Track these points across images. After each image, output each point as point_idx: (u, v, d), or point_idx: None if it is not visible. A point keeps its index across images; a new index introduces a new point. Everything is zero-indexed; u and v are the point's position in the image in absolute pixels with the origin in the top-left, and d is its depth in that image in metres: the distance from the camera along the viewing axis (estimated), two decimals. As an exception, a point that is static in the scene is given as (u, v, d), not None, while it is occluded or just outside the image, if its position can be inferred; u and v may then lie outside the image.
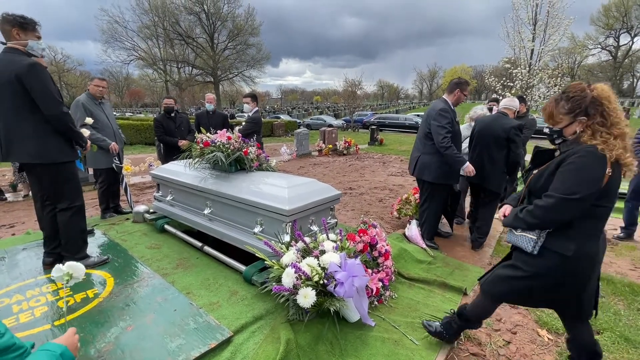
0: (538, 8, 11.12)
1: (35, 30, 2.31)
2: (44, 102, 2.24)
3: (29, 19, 2.30)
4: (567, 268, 1.47)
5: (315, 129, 19.71)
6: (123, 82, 53.85)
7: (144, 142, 14.44)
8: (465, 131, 3.87)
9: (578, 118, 1.45)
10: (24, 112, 2.27)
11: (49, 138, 2.36)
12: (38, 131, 2.32)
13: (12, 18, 2.24)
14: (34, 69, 2.19)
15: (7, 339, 1.01)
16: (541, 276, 1.52)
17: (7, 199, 5.53)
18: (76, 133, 2.51)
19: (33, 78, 2.19)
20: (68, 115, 2.40)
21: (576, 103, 1.45)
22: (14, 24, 2.23)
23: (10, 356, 1.00)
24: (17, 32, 2.24)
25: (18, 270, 2.69)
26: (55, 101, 2.29)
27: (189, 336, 1.88)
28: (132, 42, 32.77)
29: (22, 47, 2.26)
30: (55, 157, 2.41)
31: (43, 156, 2.38)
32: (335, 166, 9.11)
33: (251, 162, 3.01)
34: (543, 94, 11.21)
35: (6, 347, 0.99)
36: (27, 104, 2.25)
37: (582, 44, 43.55)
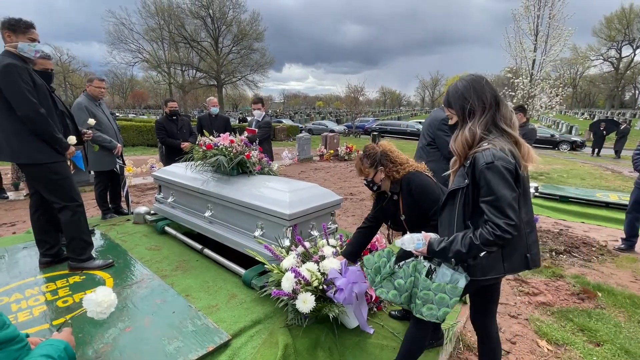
0: (539, 19, 11.22)
1: (26, 32, 2.30)
2: (15, 103, 2.24)
3: (21, 21, 2.29)
4: None
5: (317, 134, 19.77)
6: (127, 83, 54.28)
7: (146, 144, 14.50)
8: None
9: (378, 167, 1.83)
10: (4, 111, 2.28)
11: (29, 138, 2.34)
12: (18, 131, 2.32)
13: (3, 21, 2.27)
14: (5, 70, 2.19)
15: (12, 331, 1.02)
16: None
17: (9, 197, 5.55)
18: (54, 138, 2.40)
19: (4, 80, 2.19)
20: (43, 117, 2.31)
21: (372, 158, 1.84)
22: (5, 27, 2.26)
23: (13, 348, 1.01)
24: (7, 34, 2.27)
25: (18, 269, 2.70)
26: (27, 102, 2.25)
27: (187, 339, 1.87)
28: (138, 44, 33.08)
29: (14, 50, 2.28)
30: (36, 157, 2.38)
31: (24, 156, 2.38)
32: (336, 171, 9.13)
33: (253, 166, 3.03)
34: (544, 104, 11.25)
35: (11, 338, 1.01)
36: (6, 104, 2.26)
37: (584, 55, 43.81)
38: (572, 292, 2.86)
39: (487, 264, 1.32)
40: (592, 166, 10.79)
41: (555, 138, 17.57)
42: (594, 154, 14.87)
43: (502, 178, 1.23)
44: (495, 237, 1.22)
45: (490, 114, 1.35)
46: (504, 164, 1.24)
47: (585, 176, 8.62)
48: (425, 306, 1.41)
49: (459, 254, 1.30)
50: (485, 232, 1.23)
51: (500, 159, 1.25)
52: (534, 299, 2.74)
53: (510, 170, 1.25)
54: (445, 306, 1.37)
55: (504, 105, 1.37)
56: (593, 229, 4.59)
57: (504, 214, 1.22)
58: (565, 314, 2.53)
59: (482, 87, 1.37)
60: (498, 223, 1.21)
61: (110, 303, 1.46)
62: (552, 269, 3.24)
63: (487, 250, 1.27)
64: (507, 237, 1.22)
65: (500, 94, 5.25)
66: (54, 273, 2.64)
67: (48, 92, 2.44)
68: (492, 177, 1.24)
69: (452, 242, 1.32)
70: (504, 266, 1.32)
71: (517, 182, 1.28)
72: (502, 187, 1.23)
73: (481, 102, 1.35)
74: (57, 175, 2.48)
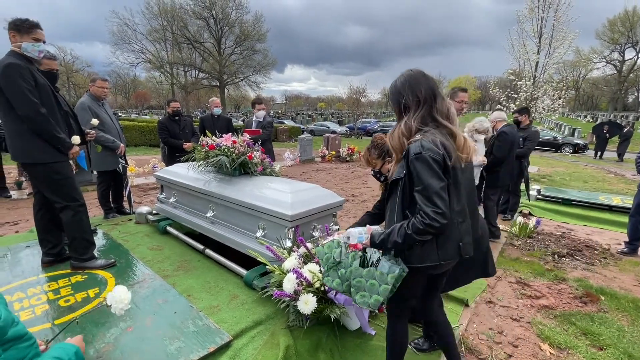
0: (543, 21, 11.20)
1: (30, 32, 2.31)
2: (15, 103, 2.26)
3: (26, 21, 2.31)
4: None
5: (319, 135, 19.78)
6: (130, 84, 54.51)
7: (149, 144, 14.54)
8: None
9: (386, 158, 1.85)
10: (7, 112, 2.31)
11: (32, 137, 2.36)
12: (20, 131, 2.34)
13: (10, 21, 2.29)
14: (5, 70, 2.21)
15: (21, 328, 1.04)
16: None
17: (12, 196, 5.57)
18: (56, 138, 2.40)
19: (4, 80, 2.21)
20: (44, 117, 2.32)
21: (380, 149, 1.87)
22: (10, 27, 2.29)
23: (22, 345, 1.03)
24: (12, 34, 2.29)
25: (20, 267, 2.71)
26: (27, 102, 2.26)
27: (188, 339, 1.88)
28: (141, 44, 33.21)
29: (18, 50, 2.30)
30: (39, 157, 2.40)
31: (26, 156, 2.40)
32: (338, 173, 9.12)
33: (255, 167, 3.03)
34: (547, 106, 11.22)
35: (20, 335, 1.03)
36: (9, 104, 2.28)
37: (587, 58, 43.62)
38: (575, 295, 2.84)
39: (423, 253, 1.37)
40: (594, 169, 10.74)
41: (558, 141, 17.50)
42: (596, 157, 14.81)
43: (429, 168, 1.28)
44: (425, 226, 1.26)
45: (425, 108, 1.39)
46: (431, 154, 1.29)
47: (588, 179, 8.58)
48: (359, 294, 1.45)
49: (396, 244, 1.34)
50: (416, 221, 1.28)
51: (428, 149, 1.29)
52: (537, 302, 2.72)
53: (437, 160, 1.29)
54: (376, 293, 1.40)
55: (440, 99, 1.41)
56: (596, 232, 4.57)
57: (432, 202, 1.26)
58: (568, 317, 2.51)
59: (418, 82, 1.40)
60: (427, 211, 1.26)
61: (128, 299, 1.60)
62: (554, 272, 3.22)
63: (420, 239, 1.31)
64: (435, 225, 1.25)
65: (503, 96, 5.24)
66: (56, 272, 2.65)
67: (51, 92, 2.45)
68: (420, 167, 1.29)
69: (389, 233, 1.36)
70: (439, 254, 1.37)
71: (446, 172, 1.32)
72: (429, 177, 1.28)
73: (416, 97, 1.39)
74: (59, 175, 2.49)
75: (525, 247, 3.89)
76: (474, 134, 3.76)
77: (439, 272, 1.51)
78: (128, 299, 1.61)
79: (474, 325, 2.41)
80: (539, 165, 10.72)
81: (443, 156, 1.30)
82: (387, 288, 1.37)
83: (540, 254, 3.70)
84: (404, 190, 1.39)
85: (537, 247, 3.89)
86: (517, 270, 3.28)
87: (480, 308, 2.63)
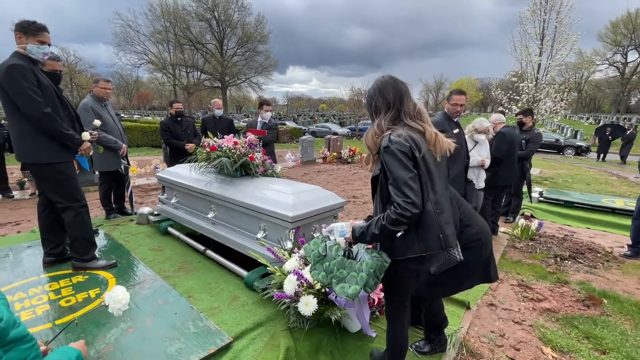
0: (545, 23, 11.17)
1: (37, 34, 2.33)
2: (21, 103, 2.27)
3: (33, 23, 2.32)
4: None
5: (321, 136, 19.78)
6: (132, 85, 54.68)
7: (151, 145, 14.58)
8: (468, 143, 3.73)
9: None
10: (11, 112, 2.33)
11: (35, 138, 2.37)
12: (24, 131, 2.36)
13: (17, 23, 2.31)
14: (9, 71, 2.22)
15: (22, 330, 1.04)
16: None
17: (14, 196, 5.59)
18: (64, 135, 2.43)
19: (7, 80, 2.23)
20: (50, 116, 2.34)
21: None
22: (17, 29, 2.30)
23: (24, 346, 1.03)
24: (18, 36, 2.31)
25: (22, 267, 2.71)
26: (32, 101, 2.28)
27: (189, 340, 1.87)
28: (144, 46, 33.36)
29: (23, 51, 2.32)
30: (42, 157, 2.41)
31: (30, 156, 2.41)
32: (339, 174, 9.12)
33: (256, 168, 3.03)
34: (549, 108, 11.18)
35: (21, 336, 1.03)
36: (12, 104, 2.29)
37: (589, 60, 43.48)
38: (577, 298, 2.82)
39: (405, 245, 1.41)
40: (597, 171, 10.70)
41: (560, 143, 17.44)
42: (599, 159, 14.74)
43: (397, 160, 1.35)
44: (397, 215, 1.32)
45: (394, 110, 1.48)
46: (399, 147, 1.36)
47: (591, 181, 8.55)
48: (339, 285, 1.51)
49: (374, 236, 1.42)
50: (390, 211, 1.34)
51: (396, 143, 1.37)
52: (539, 305, 2.71)
53: (405, 152, 1.35)
54: (355, 283, 1.46)
55: (407, 101, 1.49)
56: (598, 235, 4.54)
57: (402, 192, 1.32)
58: (571, 320, 2.49)
59: (386, 87, 1.50)
60: (398, 202, 1.32)
61: (127, 300, 1.60)
62: (556, 275, 3.20)
63: (395, 229, 1.36)
64: (407, 215, 1.31)
65: (505, 98, 5.23)
66: (58, 272, 2.65)
67: (55, 93, 2.46)
68: (389, 160, 1.37)
69: (369, 226, 1.43)
70: (420, 246, 1.40)
71: (416, 164, 1.38)
72: (397, 168, 1.34)
73: (385, 100, 1.49)
74: (62, 175, 2.50)
75: (527, 250, 3.88)
76: (474, 134, 3.75)
77: (426, 267, 1.53)
78: (126, 300, 1.60)
79: (476, 328, 2.39)
80: (541, 167, 10.68)
81: (411, 148, 1.36)
82: (364, 277, 1.42)
83: (542, 256, 3.68)
84: (382, 186, 1.46)
85: (539, 249, 3.87)
86: (519, 273, 3.26)
87: (481, 311, 2.61)
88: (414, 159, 1.37)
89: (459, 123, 3.38)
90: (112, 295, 1.58)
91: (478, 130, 3.74)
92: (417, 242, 1.39)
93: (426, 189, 1.38)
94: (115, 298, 1.57)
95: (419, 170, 1.37)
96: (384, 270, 1.45)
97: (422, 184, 1.37)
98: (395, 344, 1.64)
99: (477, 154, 3.72)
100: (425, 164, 1.40)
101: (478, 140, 3.75)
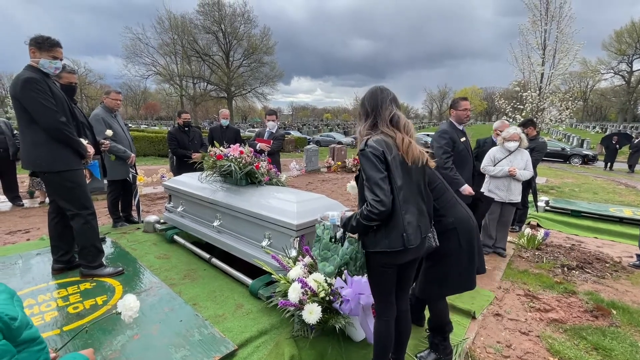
0: (547, 34, 11.25)
1: (50, 50, 2.43)
2: (37, 114, 2.37)
3: (48, 39, 2.43)
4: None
5: (325, 145, 19.89)
6: (140, 95, 55.75)
7: (157, 154, 14.77)
8: (498, 153, 3.75)
9: None
10: (25, 123, 2.42)
11: (48, 147, 2.45)
12: (39, 141, 2.44)
13: (33, 38, 2.42)
14: (24, 84, 2.32)
15: (34, 331, 1.06)
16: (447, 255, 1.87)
17: (24, 205, 5.70)
18: (77, 142, 2.55)
19: (23, 93, 2.32)
20: (64, 125, 2.45)
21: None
22: (32, 43, 2.40)
23: (35, 348, 1.04)
24: (32, 50, 2.41)
25: (31, 274, 2.76)
26: (47, 113, 2.37)
27: (194, 348, 1.88)
28: (152, 58, 34.10)
29: (35, 64, 2.42)
30: (54, 165, 2.49)
31: (43, 164, 2.49)
32: (343, 183, 9.14)
33: (262, 177, 3.07)
34: (554, 117, 11.16)
35: (33, 338, 1.05)
36: (27, 115, 2.39)
37: (594, 69, 43.42)
38: (585, 309, 2.78)
39: (375, 239, 1.55)
40: (605, 180, 10.58)
41: (566, 151, 17.31)
42: (606, 168, 14.58)
43: (370, 162, 1.49)
44: (368, 212, 1.46)
45: (372, 118, 1.63)
46: (372, 150, 1.50)
47: (598, 190, 8.45)
48: (322, 263, 1.76)
49: (352, 227, 1.58)
50: (363, 208, 1.49)
51: (370, 147, 1.51)
52: (546, 316, 2.67)
53: (377, 155, 1.49)
54: (332, 265, 1.72)
55: (384, 110, 1.61)
56: (606, 245, 4.48)
57: (372, 191, 1.46)
58: (579, 331, 2.45)
59: (369, 97, 1.65)
60: (369, 200, 1.46)
61: (137, 308, 1.66)
62: (564, 285, 3.16)
63: (367, 224, 1.50)
64: (375, 212, 1.44)
65: (509, 107, 5.26)
66: (66, 279, 2.69)
67: (66, 104, 2.56)
68: (364, 161, 1.51)
69: (350, 218, 1.59)
70: (386, 242, 1.53)
71: (387, 167, 1.50)
72: (369, 169, 1.48)
73: (365, 110, 1.66)
74: (71, 183, 2.57)
75: (533, 259, 3.84)
76: (505, 143, 3.71)
77: (400, 263, 1.62)
78: (137, 307, 1.65)
79: (482, 338, 2.37)
80: (547, 176, 10.60)
81: (383, 152, 1.49)
82: (338, 261, 1.66)
83: (549, 266, 3.64)
84: (361, 184, 1.60)
85: (545, 259, 3.83)
86: (525, 283, 3.23)
87: (487, 321, 2.59)
88: (386, 162, 1.49)
89: (464, 131, 3.41)
90: (125, 303, 1.62)
91: (506, 138, 3.70)
92: (384, 239, 1.53)
93: (395, 190, 1.50)
94: (127, 306, 1.62)
95: (390, 173, 1.50)
96: (360, 258, 1.66)
97: (392, 185, 1.49)
98: (378, 339, 1.72)
99: (508, 163, 3.65)
100: (395, 167, 1.51)
101: (510, 149, 3.69)
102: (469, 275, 1.93)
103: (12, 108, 2.48)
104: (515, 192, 3.69)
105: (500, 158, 3.75)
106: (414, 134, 1.62)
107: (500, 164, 3.70)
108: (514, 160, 3.68)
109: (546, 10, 11.06)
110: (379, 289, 1.69)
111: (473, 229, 1.93)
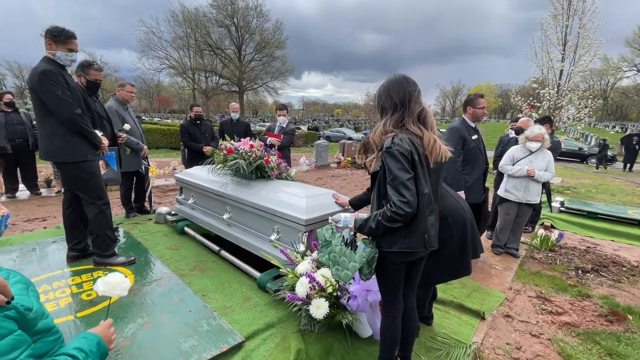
0: (568, 29, 10.88)
1: (66, 42, 2.46)
2: (54, 106, 2.40)
3: (63, 31, 2.45)
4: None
5: (335, 141, 19.81)
6: (154, 88, 56.54)
7: (169, 147, 14.98)
8: (518, 152, 3.66)
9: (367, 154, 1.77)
10: (42, 114, 2.47)
11: (65, 139, 2.50)
12: (56, 132, 2.49)
13: (48, 30, 2.44)
14: (41, 77, 2.35)
15: (50, 321, 1.08)
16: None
17: (42, 193, 5.87)
18: (90, 133, 2.59)
19: (40, 85, 2.36)
20: (80, 116, 2.48)
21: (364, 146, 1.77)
22: (47, 35, 2.43)
23: (50, 338, 1.06)
24: (48, 42, 2.44)
25: (47, 261, 2.84)
26: (64, 105, 2.41)
27: (202, 338, 1.91)
28: (166, 51, 34.46)
29: (52, 56, 2.45)
30: (70, 156, 2.54)
31: (59, 155, 2.55)
32: (353, 179, 9.10)
33: (271, 171, 3.08)
34: (572, 115, 10.84)
35: (48, 328, 1.07)
36: (44, 107, 2.43)
37: (616, 66, 41.86)
38: (600, 313, 2.71)
39: (392, 239, 1.51)
40: (623, 182, 10.24)
41: (584, 151, 16.81)
42: (625, 169, 14.12)
43: (397, 161, 1.42)
44: (393, 213, 1.41)
45: (399, 112, 1.52)
46: (399, 149, 1.42)
47: (616, 192, 8.19)
48: (335, 267, 1.65)
49: (370, 229, 1.51)
50: (386, 209, 1.43)
51: (397, 145, 1.43)
52: (558, 319, 2.61)
53: (405, 155, 1.42)
54: (346, 269, 1.59)
55: (414, 104, 1.51)
56: (623, 248, 4.34)
57: (398, 192, 1.40)
58: (592, 336, 2.39)
59: (396, 87, 1.53)
60: (394, 200, 1.40)
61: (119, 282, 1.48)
62: (578, 288, 3.08)
63: (390, 225, 1.44)
64: (401, 213, 1.39)
65: (525, 105, 5.12)
66: (80, 267, 2.76)
67: (82, 97, 2.60)
68: (390, 160, 1.43)
69: (367, 220, 1.53)
70: (405, 242, 1.49)
71: (414, 167, 1.44)
72: (396, 169, 1.42)
73: (392, 102, 1.53)
74: (87, 173, 2.63)
75: (546, 261, 3.75)
76: (526, 143, 3.62)
77: (411, 260, 1.60)
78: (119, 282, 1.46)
79: (491, 339, 2.33)
80: (563, 177, 10.32)
81: (411, 152, 1.43)
82: (356, 266, 1.54)
83: (562, 268, 3.55)
84: (379, 182, 1.53)
85: (559, 261, 3.74)
86: (537, 285, 3.16)
87: (497, 322, 2.55)
88: (413, 162, 1.44)
89: (477, 129, 3.34)
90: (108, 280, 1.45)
91: (529, 137, 3.61)
92: (403, 239, 1.49)
93: (420, 191, 1.45)
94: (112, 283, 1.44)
95: (416, 173, 1.44)
96: (374, 261, 1.56)
97: (417, 186, 1.44)
98: (385, 336, 1.71)
99: (527, 163, 3.57)
100: (421, 167, 1.46)
101: (531, 149, 3.60)
102: (460, 264, 1.96)
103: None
104: (534, 192, 3.60)
105: (519, 157, 3.65)
106: (436, 130, 1.57)
107: (519, 164, 3.61)
108: (534, 161, 3.58)
109: (569, 4, 10.68)
110: (386, 286, 1.67)
111: (466, 219, 1.95)
